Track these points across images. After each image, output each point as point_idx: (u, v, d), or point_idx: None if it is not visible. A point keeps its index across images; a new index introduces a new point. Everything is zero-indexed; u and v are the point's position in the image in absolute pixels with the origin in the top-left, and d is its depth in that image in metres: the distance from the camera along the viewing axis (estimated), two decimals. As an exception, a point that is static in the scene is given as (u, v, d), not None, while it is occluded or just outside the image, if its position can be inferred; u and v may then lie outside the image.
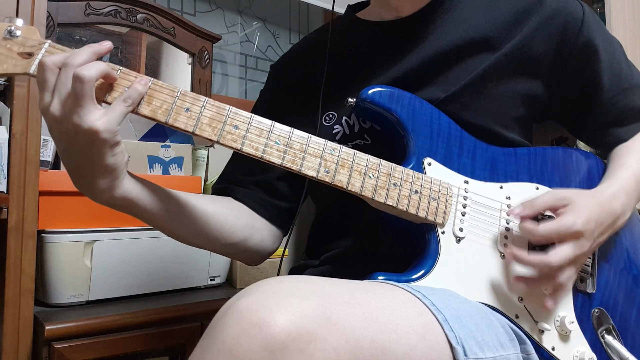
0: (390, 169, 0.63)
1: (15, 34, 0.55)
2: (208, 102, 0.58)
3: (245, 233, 0.76)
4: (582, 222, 0.62)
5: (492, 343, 0.55)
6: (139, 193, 0.61)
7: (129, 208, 0.61)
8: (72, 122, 0.52)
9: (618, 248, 0.74)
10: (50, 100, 0.53)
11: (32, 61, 0.55)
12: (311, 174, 0.60)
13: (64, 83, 0.53)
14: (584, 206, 0.64)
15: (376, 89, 0.67)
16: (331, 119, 0.76)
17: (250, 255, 0.79)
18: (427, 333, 0.51)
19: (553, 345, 0.64)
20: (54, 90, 0.53)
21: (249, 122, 0.59)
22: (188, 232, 0.69)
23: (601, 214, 0.65)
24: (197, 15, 1.69)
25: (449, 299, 0.57)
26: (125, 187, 0.59)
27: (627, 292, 0.72)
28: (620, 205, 0.68)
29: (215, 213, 0.71)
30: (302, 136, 0.60)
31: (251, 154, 0.58)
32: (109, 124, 0.53)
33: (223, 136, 0.57)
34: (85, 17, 1.23)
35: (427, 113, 0.68)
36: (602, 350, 0.67)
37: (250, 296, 0.46)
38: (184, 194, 0.68)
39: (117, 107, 0.54)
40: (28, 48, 0.55)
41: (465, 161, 0.69)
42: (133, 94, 0.55)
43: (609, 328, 0.68)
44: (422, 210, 0.63)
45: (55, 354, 0.83)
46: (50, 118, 0.54)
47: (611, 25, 1.53)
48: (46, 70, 0.53)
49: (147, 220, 0.65)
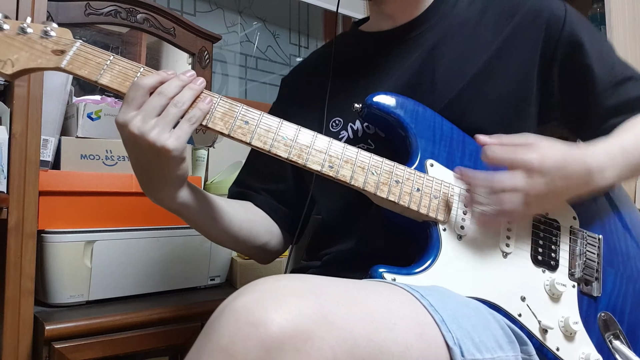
0: (393, 166, 0.65)
1: (50, 34, 0.62)
2: (222, 99, 0.63)
3: (267, 237, 0.83)
4: (538, 158, 0.61)
5: (489, 344, 0.55)
6: (192, 201, 0.67)
7: (180, 212, 0.68)
8: (148, 139, 0.58)
9: (625, 256, 0.74)
10: (133, 116, 0.58)
11: (63, 57, 0.61)
12: (316, 168, 0.63)
13: (153, 107, 0.58)
14: (548, 147, 0.63)
15: (381, 95, 0.70)
16: (338, 125, 0.79)
17: (266, 255, 0.86)
18: (424, 333, 0.51)
19: (557, 346, 0.64)
20: (138, 109, 0.59)
21: (259, 119, 0.63)
22: (223, 235, 0.76)
23: (567, 160, 0.63)
24: (197, 15, 1.69)
25: (447, 300, 0.57)
26: (183, 196, 0.66)
27: (635, 299, 0.71)
28: (596, 162, 0.65)
29: (246, 219, 0.79)
30: (308, 133, 0.64)
31: (259, 147, 0.62)
32: (178, 142, 0.59)
33: (234, 130, 0.62)
34: (85, 17, 1.23)
35: (430, 119, 0.71)
36: (610, 354, 0.66)
37: (247, 295, 0.46)
38: (222, 201, 0.75)
39: (184, 126, 0.60)
40: (61, 46, 0.62)
41: (467, 164, 0.70)
42: (197, 113, 0.60)
43: (617, 333, 0.68)
44: (424, 207, 0.64)
45: (55, 354, 0.83)
46: (128, 132, 0.58)
47: (611, 25, 1.53)
48: (140, 91, 0.59)
49: (190, 223, 0.71)
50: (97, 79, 0.61)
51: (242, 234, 0.77)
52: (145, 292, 1.03)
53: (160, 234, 1.04)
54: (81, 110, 1.02)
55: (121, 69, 0.62)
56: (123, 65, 0.62)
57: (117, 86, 0.61)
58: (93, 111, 1.02)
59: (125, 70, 0.62)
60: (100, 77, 0.61)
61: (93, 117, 1.03)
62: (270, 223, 0.85)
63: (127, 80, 0.61)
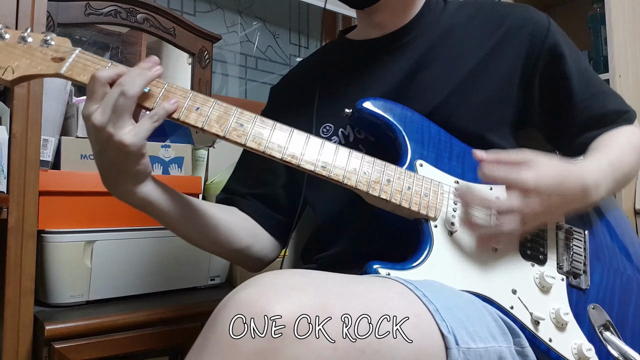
0: (384, 166, 0.67)
1: (50, 43, 0.63)
2: (217, 103, 0.64)
3: (249, 241, 0.81)
4: (533, 178, 0.61)
5: (483, 334, 0.57)
6: (157, 197, 0.67)
7: (145, 208, 0.67)
8: (107, 132, 0.58)
9: (610, 250, 0.77)
10: (95, 109, 0.59)
11: (63, 64, 0.62)
12: (309, 168, 0.64)
13: (111, 97, 0.59)
14: (544, 164, 0.63)
15: (370, 100, 0.73)
16: (328, 131, 0.81)
17: (252, 261, 0.84)
18: (419, 323, 0.52)
19: (550, 337, 0.65)
20: (100, 102, 0.59)
21: (253, 121, 0.64)
22: (198, 235, 0.74)
23: (564, 179, 0.63)
24: (197, 15, 1.69)
25: (440, 291, 0.59)
26: (145, 191, 0.65)
27: (623, 291, 0.74)
28: (592, 179, 0.66)
29: (224, 220, 0.76)
30: (302, 134, 0.65)
31: (254, 148, 0.63)
32: (136, 139, 0.59)
33: (229, 132, 0.62)
34: (85, 17, 1.23)
35: (418, 122, 0.74)
36: (601, 344, 0.68)
37: (249, 288, 0.48)
38: (197, 201, 0.73)
39: (145, 123, 0.60)
40: (60, 54, 0.63)
41: (455, 164, 0.73)
42: (160, 111, 0.61)
43: (607, 324, 0.69)
44: (415, 204, 0.66)
45: (55, 354, 0.83)
46: (91, 125, 0.60)
47: (611, 25, 1.53)
48: (97, 83, 0.59)
49: (162, 222, 0.70)
50: None
51: (219, 235, 0.76)
52: (145, 292, 1.04)
53: (160, 234, 1.04)
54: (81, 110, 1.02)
55: None
56: None
57: None
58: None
59: None
60: None
61: (93, 117, 1.02)
62: (254, 226, 0.83)
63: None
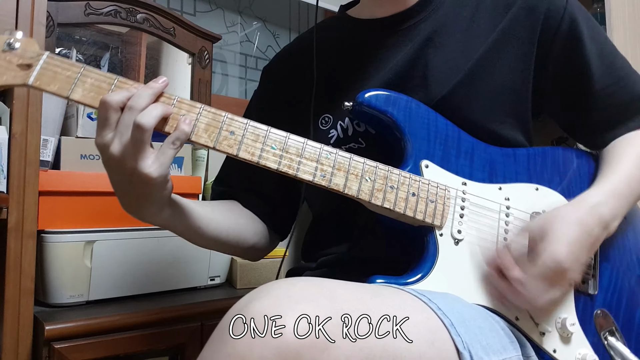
0: (387, 172, 0.63)
1: (14, 46, 0.56)
2: (204, 109, 0.59)
3: (255, 239, 0.82)
4: (564, 256, 0.59)
5: (495, 347, 0.55)
6: (177, 216, 0.66)
7: (165, 227, 0.67)
8: (129, 164, 0.55)
9: (621, 249, 0.73)
10: (111, 139, 0.55)
11: (30, 72, 0.56)
12: (307, 178, 0.60)
13: (126, 126, 0.55)
14: (563, 234, 0.60)
15: (372, 92, 0.67)
16: (327, 123, 0.76)
17: (252, 254, 0.86)
18: (436, 340, 0.51)
19: (554, 348, 0.64)
20: (115, 129, 0.55)
21: (245, 128, 0.59)
22: (211, 243, 0.75)
23: (585, 232, 0.61)
24: (197, 15, 1.69)
25: (453, 303, 0.57)
26: (167, 213, 0.63)
27: (631, 293, 0.71)
28: (609, 211, 0.65)
29: (233, 226, 0.77)
30: (298, 140, 0.60)
31: (247, 159, 0.59)
32: (162, 169, 0.56)
33: (219, 142, 0.58)
34: (85, 17, 1.22)
35: (424, 115, 0.68)
36: (605, 352, 0.66)
37: (262, 299, 0.45)
38: (209, 209, 0.74)
39: (167, 151, 0.56)
40: (27, 60, 0.56)
41: (463, 162, 0.68)
42: (180, 135, 0.57)
43: (612, 330, 0.68)
44: (420, 212, 0.63)
45: (55, 354, 0.83)
46: (109, 156, 0.56)
47: (611, 25, 1.53)
48: (109, 110, 0.55)
49: (176, 233, 0.70)
50: (68, 95, 0.56)
51: (230, 239, 0.76)
52: (145, 292, 1.03)
53: (160, 234, 1.03)
54: (81, 110, 1.02)
55: (94, 82, 0.57)
56: (96, 78, 0.57)
57: (90, 101, 0.57)
58: (93, 111, 1.02)
59: (99, 83, 0.58)
60: (71, 92, 0.56)
61: (93, 117, 1.03)
62: (257, 224, 0.83)
63: (100, 95, 0.57)
